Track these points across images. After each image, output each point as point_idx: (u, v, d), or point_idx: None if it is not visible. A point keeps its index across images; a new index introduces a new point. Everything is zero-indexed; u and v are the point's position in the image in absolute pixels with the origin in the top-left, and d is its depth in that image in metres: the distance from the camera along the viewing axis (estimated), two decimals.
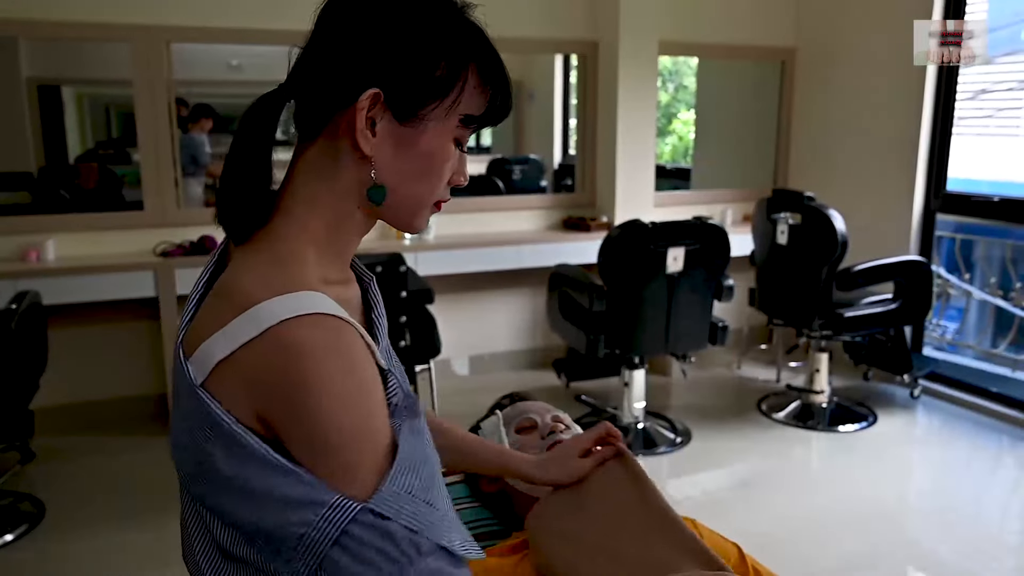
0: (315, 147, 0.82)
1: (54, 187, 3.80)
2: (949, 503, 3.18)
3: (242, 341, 0.72)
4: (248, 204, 0.81)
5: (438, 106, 0.81)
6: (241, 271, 0.79)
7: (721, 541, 1.34)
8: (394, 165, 0.81)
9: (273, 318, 0.71)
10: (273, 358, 0.71)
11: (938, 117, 4.11)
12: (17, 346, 2.68)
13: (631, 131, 4.30)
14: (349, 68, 0.79)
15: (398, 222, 0.87)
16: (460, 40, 0.82)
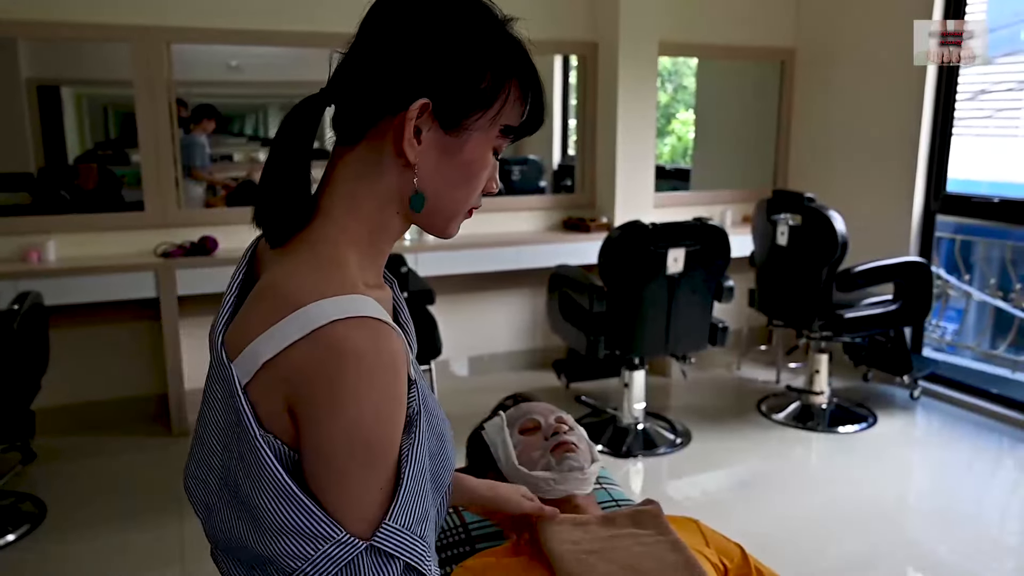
0: (357, 151, 0.83)
1: (54, 188, 3.80)
2: (949, 504, 3.18)
3: (290, 341, 0.71)
4: (288, 207, 0.81)
5: (482, 116, 0.82)
6: (285, 274, 0.78)
7: (724, 541, 1.34)
8: (436, 173, 0.83)
9: (322, 319, 0.71)
10: (316, 354, 0.71)
11: (938, 118, 4.12)
12: (19, 347, 2.68)
13: (631, 132, 4.30)
14: (399, 77, 0.80)
15: (433, 228, 0.88)
16: (505, 53, 0.83)
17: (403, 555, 0.74)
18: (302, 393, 0.72)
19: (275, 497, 0.72)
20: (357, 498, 0.73)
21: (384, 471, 0.74)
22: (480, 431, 1.53)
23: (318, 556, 0.72)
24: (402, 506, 0.74)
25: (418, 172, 0.82)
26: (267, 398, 0.74)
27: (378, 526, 0.73)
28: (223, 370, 0.75)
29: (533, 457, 1.39)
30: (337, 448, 0.72)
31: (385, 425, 0.74)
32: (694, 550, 1.25)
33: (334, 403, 0.71)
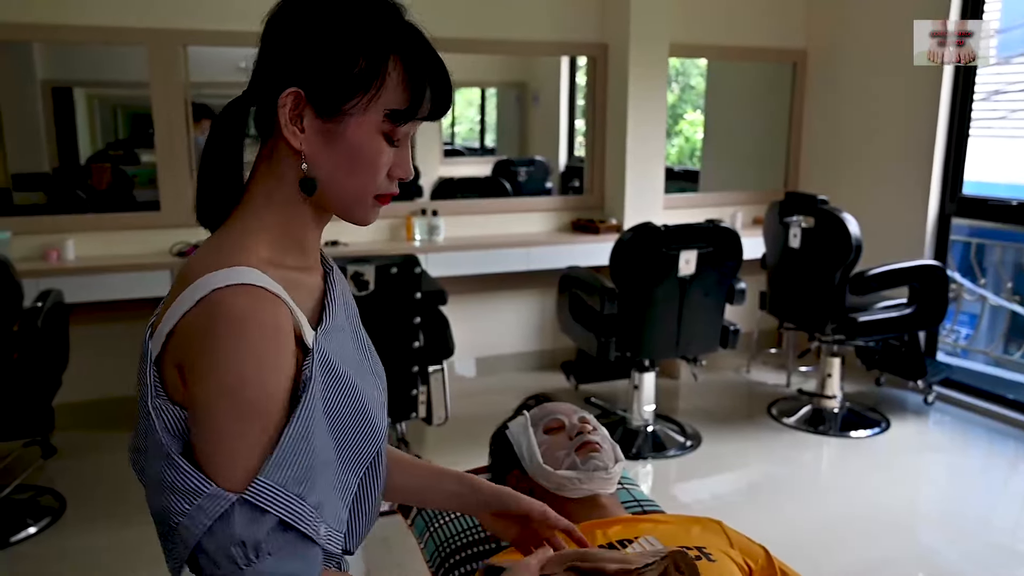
0: (268, 146, 0.89)
1: (69, 187, 3.84)
2: (962, 511, 3.17)
3: (184, 311, 0.79)
4: (217, 197, 0.89)
5: (356, 103, 0.85)
6: (197, 255, 0.86)
7: (748, 543, 1.34)
8: (324, 159, 0.87)
9: (209, 287, 0.78)
10: (200, 319, 0.78)
11: (954, 118, 4.09)
12: (42, 343, 2.72)
13: (640, 133, 4.31)
14: (274, 69, 0.86)
15: (344, 214, 0.92)
16: (379, 36, 0.85)
17: (276, 510, 0.77)
18: (188, 354, 0.79)
19: (157, 457, 0.80)
20: (230, 453, 0.78)
21: (257, 430, 0.78)
22: (504, 430, 1.54)
23: (192, 509, 0.76)
24: (277, 464, 0.78)
25: (307, 159, 0.87)
26: (170, 368, 0.81)
27: (251, 479, 0.77)
28: (143, 347, 0.84)
29: (558, 456, 1.41)
30: (211, 404, 0.78)
31: (256, 386, 0.78)
32: (719, 551, 1.26)
33: (209, 361, 0.77)
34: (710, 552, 1.24)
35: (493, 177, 5.00)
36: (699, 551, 1.23)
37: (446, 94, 0.90)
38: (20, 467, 3.16)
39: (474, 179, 4.96)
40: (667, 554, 1.09)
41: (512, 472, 1.48)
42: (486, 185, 4.89)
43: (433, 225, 4.11)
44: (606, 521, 1.35)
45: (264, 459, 0.78)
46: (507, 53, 4.32)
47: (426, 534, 1.52)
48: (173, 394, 0.82)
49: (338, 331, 0.92)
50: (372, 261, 2.77)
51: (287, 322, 0.82)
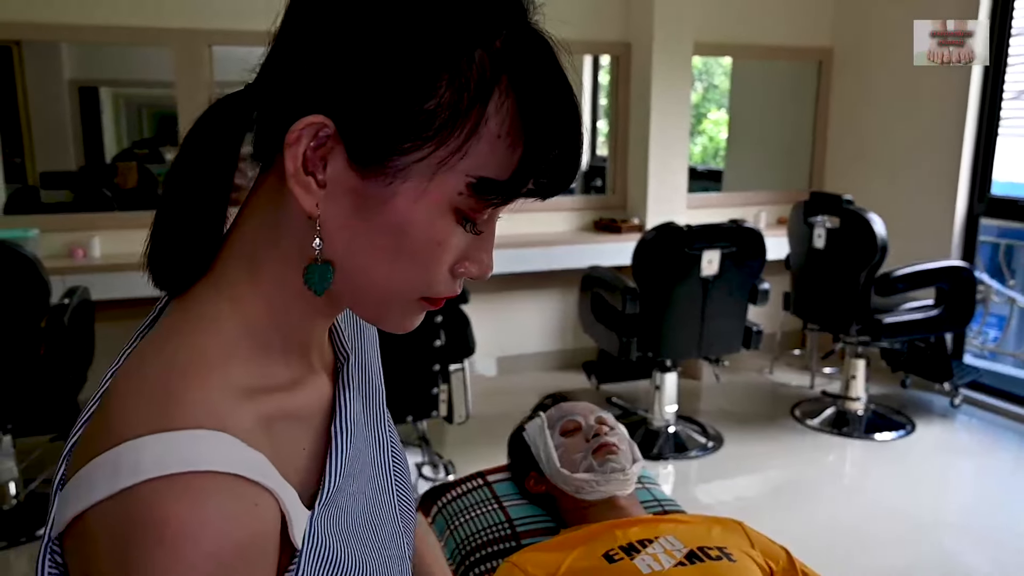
0: (268, 184, 0.57)
1: (95, 186, 3.90)
2: (989, 516, 3.12)
3: (93, 500, 0.47)
4: (181, 253, 0.56)
5: (425, 153, 0.51)
6: (132, 365, 0.54)
7: (769, 544, 1.34)
8: (350, 233, 0.54)
9: (134, 472, 0.46)
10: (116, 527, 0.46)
11: (983, 118, 4.03)
12: (68, 340, 2.76)
13: (664, 133, 4.28)
14: (297, 79, 0.53)
15: (369, 316, 0.60)
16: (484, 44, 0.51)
17: None
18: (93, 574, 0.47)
19: None
20: None
21: None
22: (521, 432, 1.54)
23: None
24: None
25: (323, 228, 0.53)
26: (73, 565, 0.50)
27: None
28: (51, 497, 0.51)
29: (575, 459, 1.41)
30: None
31: None
32: (740, 551, 1.25)
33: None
34: (731, 552, 1.23)
35: None
36: (720, 551, 1.23)
37: (574, 157, 0.55)
38: (47, 462, 3.21)
39: None
40: None
41: (530, 474, 1.48)
42: None
43: None
44: (626, 521, 1.34)
45: None
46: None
47: (446, 532, 1.52)
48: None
49: (348, 478, 0.61)
50: None
51: (263, 529, 0.50)
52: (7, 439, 2.88)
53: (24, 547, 2.77)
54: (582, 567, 1.22)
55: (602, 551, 1.24)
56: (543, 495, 1.47)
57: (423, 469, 3.22)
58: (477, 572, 1.41)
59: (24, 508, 2.95)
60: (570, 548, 1.28)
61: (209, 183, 0.55)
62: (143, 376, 0.51)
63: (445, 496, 1.56)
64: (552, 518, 1.48)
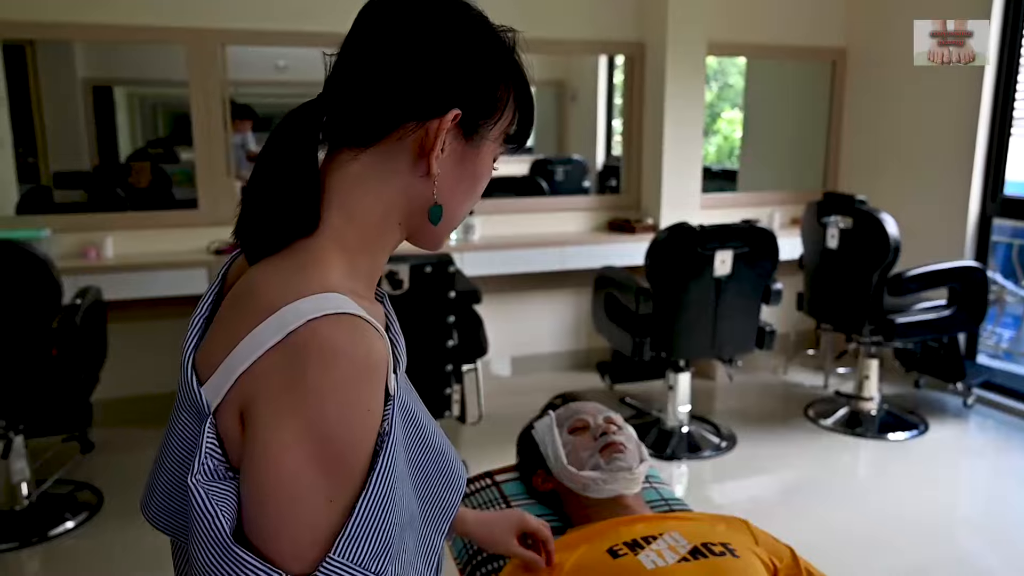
0: (363, 156, 0.77)
1: (109, 186, 3.91)
2: (1002, 516, 3.10)
3: (264, 349, 0.65)
4: (292, 215, 0.74)
5: (494, 126, 0.81)
6: (262, 278, 0.72)
7: (774, 542, 1.34)
8: (450, 183, 0.79)
9: (297, 319, 0.65)
10: (287, 354, 0.64)
11: (996, 117, 4.01)
12: (81, 340, 2.77)
13: (678, 133, 4.27)
14: (433, 84, 0.76)
15: (429, 240, 0.84)
16: (510, 62, 0.81)
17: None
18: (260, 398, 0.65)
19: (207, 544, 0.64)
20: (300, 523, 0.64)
21: (336, 490, 0.65)
22: (530, 430, 1.55)
23: None
24: (353, 537, 0.64)
25: (437, 183, 0.78)
26: (229, 417, 0.67)
27: (320, 561, 0.64)
28: (190, 395, 0.69)
29: (582, 457, 1.41)
30: (284, 456, 0.63)
31: (345, 436, 0.65)
32: (744, 548, 1.25)
33: (292, 402, 0.64)
34: (735, 548, 1.24)
35: (530, 176, 5.00)
36: (724, 547, 1.24)
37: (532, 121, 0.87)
38: (59, 462, 3.23)
39: (510, 178, 4.96)
40: None
41: (537, 472, 1.49)
42: (522, 184, 4.89)
43: (468, 224, 4.11)
44: (631, 519, 1.36)
45: (338, 528, 0.65)
46: (545, 52, 4.31)
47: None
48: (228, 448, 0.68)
49: (402, 370, 0.81)
50: (407, 260, 2.79)
51: (384, 361, 0.69)
52: (19, 440, 2.89)
53: (37, 547, 2.79)
54: (587, 563, 1.23)
55: (606, 547, 1.25)
56: (550, 493, 1.48)
57: None
58: (484, 571, 1.41)
59: (36, 509, 2.96)
60: (575, 546, 1.29)
61: (307, 171, 0.75)
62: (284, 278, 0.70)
63: None
64: (559, 517, 1.48)
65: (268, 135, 0.79)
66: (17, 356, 2.65)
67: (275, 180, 0.75)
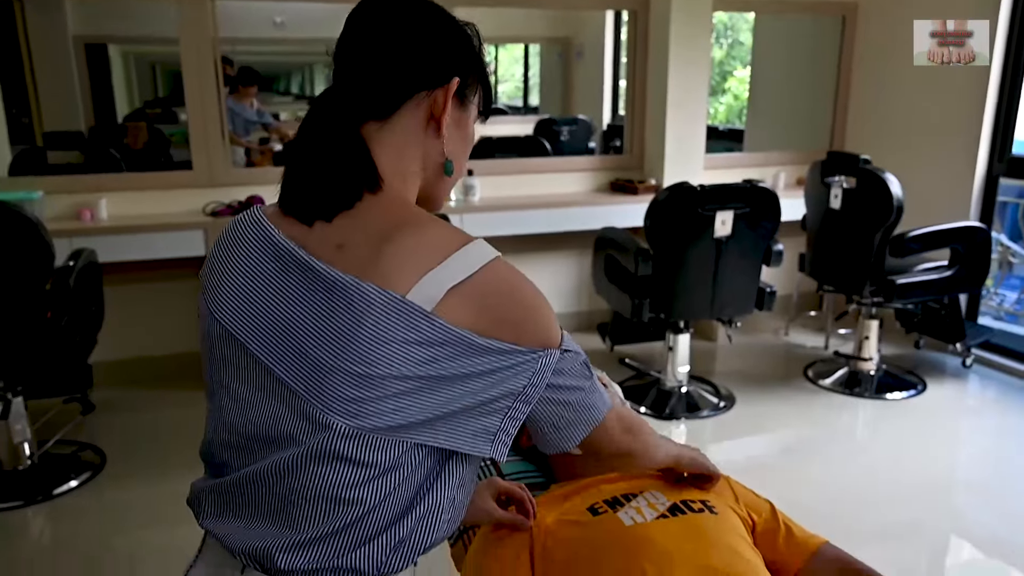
0: (389, 125, 0.93)
1: (104, 147, 3.87)
2: (998, 474, 3.11)
3: (473, 270, 0.84)
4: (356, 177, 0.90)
5: (476, 92, 0.99)
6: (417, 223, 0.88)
7: (754, 498, 1.36)
8: (453, 142, 0.97)
9: (489, 253, 0.86)
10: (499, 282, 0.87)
11: (1006, 76, 3.94)
12: (76, 302, 2.77)
13: (682, 91, 4.20)
14: (441, 57, 0.93)
15: (440, 197, 1.01)
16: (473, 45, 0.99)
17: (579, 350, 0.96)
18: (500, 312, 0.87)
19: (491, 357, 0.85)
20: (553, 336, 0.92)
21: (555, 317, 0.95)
22: None
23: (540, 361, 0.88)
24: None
25: (446, 141, 0.95)
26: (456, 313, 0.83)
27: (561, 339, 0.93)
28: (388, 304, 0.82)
29: None
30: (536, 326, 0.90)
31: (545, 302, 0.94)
32: (723, 505, 1.27)
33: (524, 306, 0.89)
34: (714, 506, 1.26)
35: (534, 136, 4.95)
36: (703, 504, 1.25)
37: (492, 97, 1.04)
38: (61, 423, 3.26)
39: (513, 138, 4.92)
40: None
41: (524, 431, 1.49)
42: (525, 144, 4.85)
43: (468, 185, 4.08)
44: (612, 476, 1.36)
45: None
46: (548, 7, 4.24)
47: None
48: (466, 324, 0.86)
49: None
50: None
51: None
52: (18, 401, 2.91)
53: (42, 505, 2.83)
54: (567, 520, 1.24)
55: (587, 505, 1.25)
56: (534, 449, 1.50)
57: None
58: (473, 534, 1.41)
59: (39, 469, 3.00)
60: (557, 503, 1.29)
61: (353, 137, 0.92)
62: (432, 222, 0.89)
63: None
64: (542, 473, 1.49)
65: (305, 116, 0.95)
66: (11, 318, 2.65)
67: (329, 151, 0.90)
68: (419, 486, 0.88)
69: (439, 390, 0.84)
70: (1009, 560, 2.58)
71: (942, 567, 2.63)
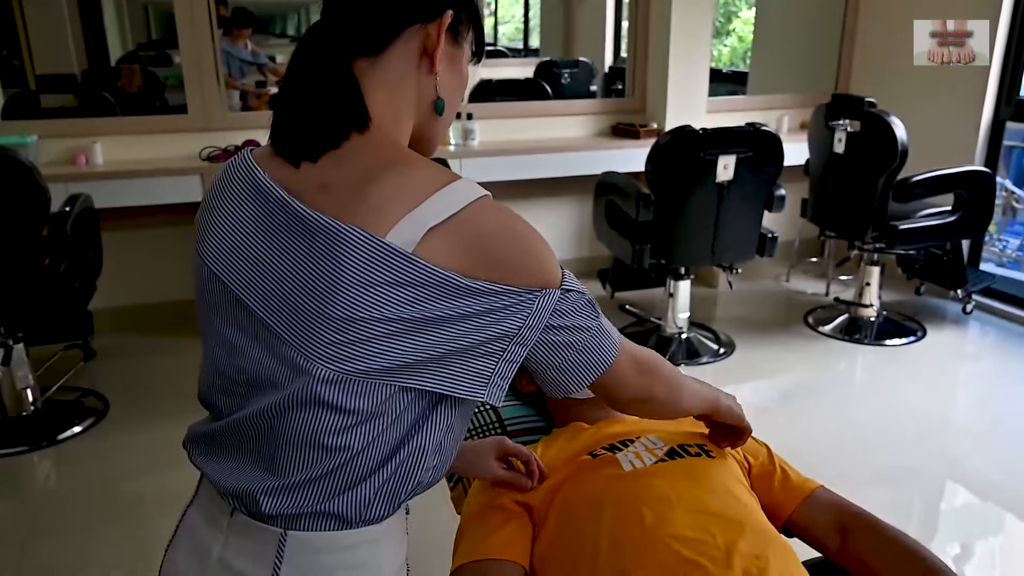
0: (381, 61, 0.88)
1: (98, 90, 3.80)
2: (995, 420, 3.13)
3: (456, 209, 0.80)
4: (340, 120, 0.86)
5: (469, 31, 0.94)
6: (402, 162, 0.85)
7: (751, 441, 1.36)
8: (446, 81, 0.92)
9: (475, 192, 0.82)
10: (486, 222, 0.82)
11: (1016, 17, 3.85)
12: (74, 248, 2.75)
13: (685, 32, 4.11)
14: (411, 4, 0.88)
15: (433, 139, 0.97)
16: None
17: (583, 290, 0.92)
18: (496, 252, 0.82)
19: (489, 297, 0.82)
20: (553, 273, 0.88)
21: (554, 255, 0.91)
22: None
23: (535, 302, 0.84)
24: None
25: (439, 79, 0.91)
26: (441, 253, 0.80)
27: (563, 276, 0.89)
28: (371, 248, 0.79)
29: None
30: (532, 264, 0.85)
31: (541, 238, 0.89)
32: (719, 449, 1.29)
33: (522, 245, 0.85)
34: (710, 450, 1.27)
35: (534, 79, 4.87)
36: (700, 448, 1.26)
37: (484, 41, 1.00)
38: (63, 370, 3.27)
39: (513, 81, 4.84)
40: None
41: (521, 374, 1.50)
42: (526, 88, 4.77)
43: (468, 129, 4.03)
44: (610, 421, 1.37)
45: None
46: None
47: None
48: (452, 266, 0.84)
49: None
50: None
51: None
52: (19, 347, 2.92)
53: (47, 450, 2.86)
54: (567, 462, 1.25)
55: (587, 449, 1.25)
56: (534, 395, 1.50)
57: None
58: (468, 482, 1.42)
59: (43, 414, 3.02)
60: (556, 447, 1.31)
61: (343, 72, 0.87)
62: (415, 160, 0.85)
63: None
64: (543, 418, 1.50)
65: (293, 52, 0.90)
66: (9, 265, 2.64)
67: (317, 88, 0.86)
68: (407, 431, 0.86)
69: (426, 332, 0.80)
70: (1003, 504, 2.61)
71: (937, 511, 2.66)
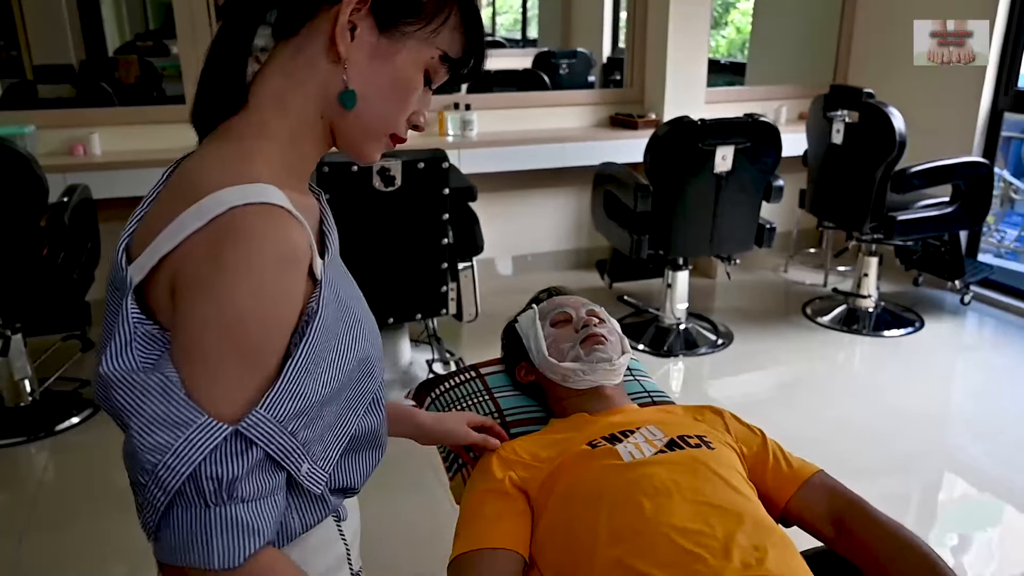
0: (291, 45, 0.81)
1: (95, 81, 3.79)
2: (992, 411, 3.14)
3: (187, 233, 0.69)
4: (217, 95, 0.80)
5: (419, 29, 0.81)
6: (195, 166, 0.77)
7: (746, 430, 1.37)
8: (365, 76, 0.80)
9: (222, 204, 0.69)
10: (208, 240, 0.69)
11: (1014, 8, 3.85)
12: (72, 239, 2.75)
13: (683, 23, 4.10)
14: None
15: (351, 143, 0.85)
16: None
17: (266, 445, 0.71)
18: (185, 277, 0.70)
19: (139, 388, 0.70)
20: (225, 383, 0.70)
21: (256, 360, 0.71)
22: (514, 323, 1.56)
23: (180, 443, 0.68)
24: (276, 399, 0.72)
25: (348, 71, 0.79)
26: (161, 291, 0.72)
27: (246, 413, 0.71)
28: (118, 272, 0.74)
29: (563, 349, 1.43)
30: (205, 335, 0.69)
31: (258, 322, 0.70)
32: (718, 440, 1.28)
33: (212, 282, 0.68)
34: (710, 441, 1.26)
35: (532, 70, 4.86)
36: (699, 439, 1.25)
37: (483, 55, 0.87)
38: (61, 361, 3.26)
39: (511, 72, 4.83)
40: None
41: (521, 364, 1.50)
42: (524, 78, 4.76)
43: (466, 120, 4.02)
44: (610, 411, 1.37)
45: (261, 392, 0.72)
46: None
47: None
48: (160, 318, 0.73)
49: (337, 260, 0.86)
50: (399, 156, 2.73)
51: (305, 250, 0.74)
52: (17, 338, 2.91)
53: (44, 441, 2.86)
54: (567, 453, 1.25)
55: (586, 440, 1.26)
56: (533, 385, 1.50)
57: (434, 366, 3.25)
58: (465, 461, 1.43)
59: (41, 405, 3.02)
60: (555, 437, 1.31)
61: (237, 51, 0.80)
62: (214, 165, 0.75)
63: (439, 388, 1.58)
64: (542, 408, 1.50)
65: None
66: (7, 255, 2.63)
67: (213, 62, 0.81)
68: None
69: None
70: (1001, 495, 2.62)
71: (935, 502, 2.67)
